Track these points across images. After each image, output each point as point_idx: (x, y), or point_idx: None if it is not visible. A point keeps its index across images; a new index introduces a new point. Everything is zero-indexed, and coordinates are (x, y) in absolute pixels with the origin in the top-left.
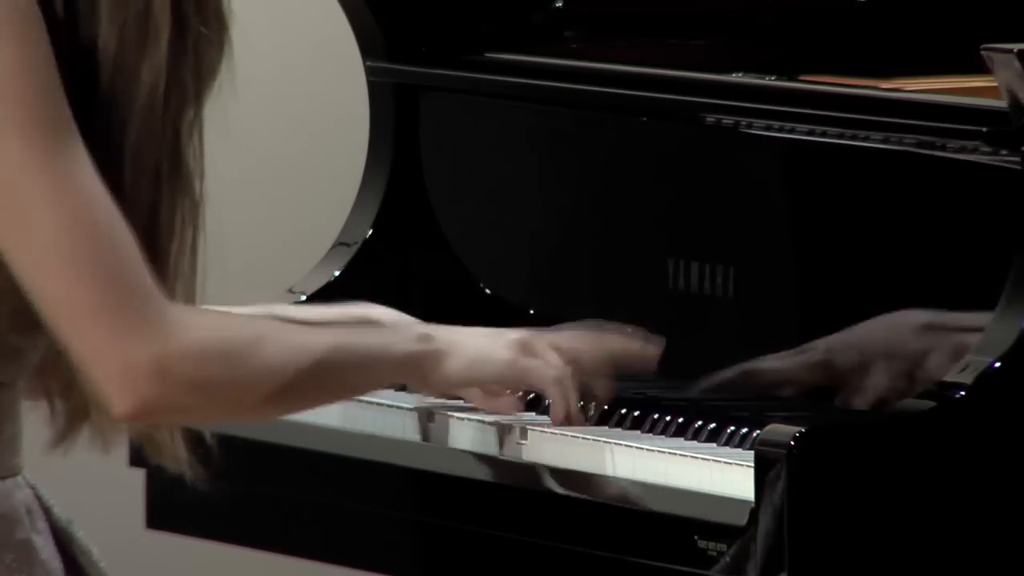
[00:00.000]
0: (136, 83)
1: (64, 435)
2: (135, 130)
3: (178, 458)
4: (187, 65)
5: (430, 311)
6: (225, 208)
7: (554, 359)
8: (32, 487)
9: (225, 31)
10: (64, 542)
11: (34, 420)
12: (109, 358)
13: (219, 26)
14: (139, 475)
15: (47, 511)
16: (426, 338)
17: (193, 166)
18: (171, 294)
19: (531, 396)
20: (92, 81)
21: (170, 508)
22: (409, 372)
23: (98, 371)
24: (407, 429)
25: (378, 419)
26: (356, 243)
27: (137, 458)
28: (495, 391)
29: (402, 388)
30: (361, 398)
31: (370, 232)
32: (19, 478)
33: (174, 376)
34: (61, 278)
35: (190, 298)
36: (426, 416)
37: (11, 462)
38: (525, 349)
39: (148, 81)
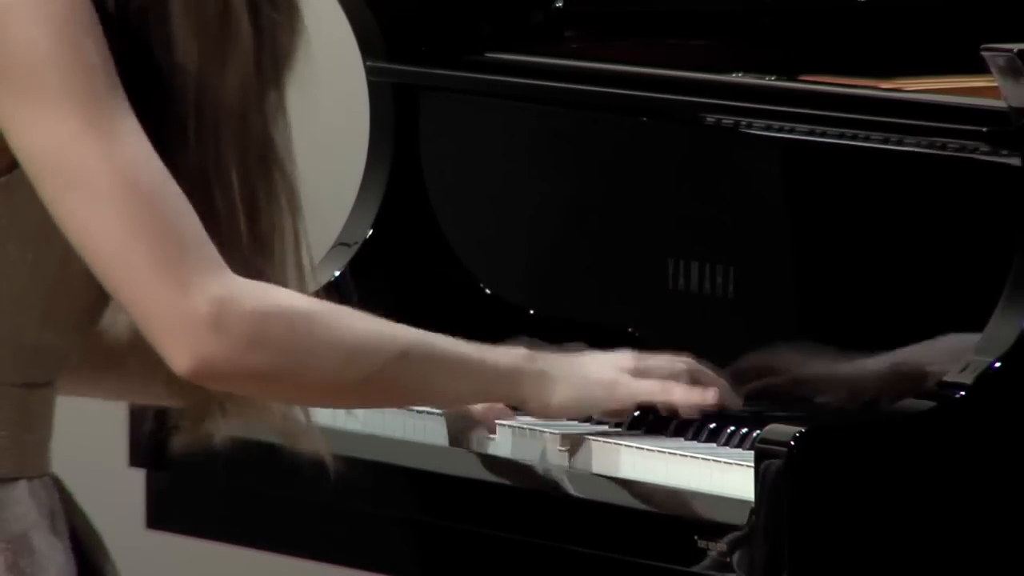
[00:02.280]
0: (223, 87)
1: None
2: (230, 131)
3: (314, 439)
4: (266, 53)
5: (430, 311)
6: None
7: (662, 363)
8: (58, 487)
9: (297, 14)
10: (88, 548)
11: None
12: (167, 311)
13: (291, 11)
14: (139, 475)
15: (70, 513)
16: (531, 358)
17: (285, 150)
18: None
19: None
20: (176, 93)
21: (170, 508)
22: (508, 387)
23: (156, 327)
24: (408, 429)
25: (379, 419)
26: (356, 243)
27: (137, 458)
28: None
29: None
30: None
31: (370, 232)
32: (46, 478)
33: (234, 329)
34: (114, 237)
35: (303, 288)
36: (431, 417)
37: (39, 462)
38: (628, 371)
39: (236, 83)
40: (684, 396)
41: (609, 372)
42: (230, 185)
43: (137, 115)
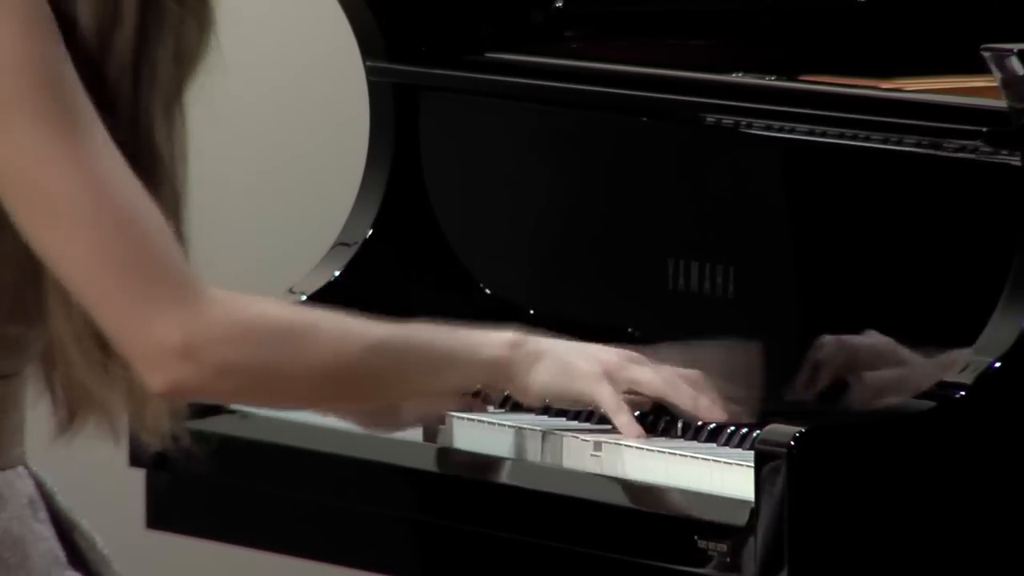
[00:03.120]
0: (109, 60)
1: (65, 426)
2: (109, 108)
3: (160, 432)
4: (162, 45)
5: (430, 311)
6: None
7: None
8: (35, 476)
9: (206, 10)
10: (67, 530)
11: (37, 417)
12: (140, 336)
13: (199, 5)
14: (139, 475)
15: (49, 499)
16: (517, 343)
17: (168, 153)
18: None
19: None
20: (74, 59)
21: (170, 508)
22: (491, 375)
23: (129, 350)
24: (408, 430)
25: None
26: (356, 243)
27: (137, 458)
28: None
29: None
30: None
31: (370, 232)
32: (20, 468)
33: (204, 358)
34: (87, 257)
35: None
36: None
37: (13, 452)
38: (612, 374)
39: (117, 60)
40: (625, 428)
41: (589, 367)
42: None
43: None
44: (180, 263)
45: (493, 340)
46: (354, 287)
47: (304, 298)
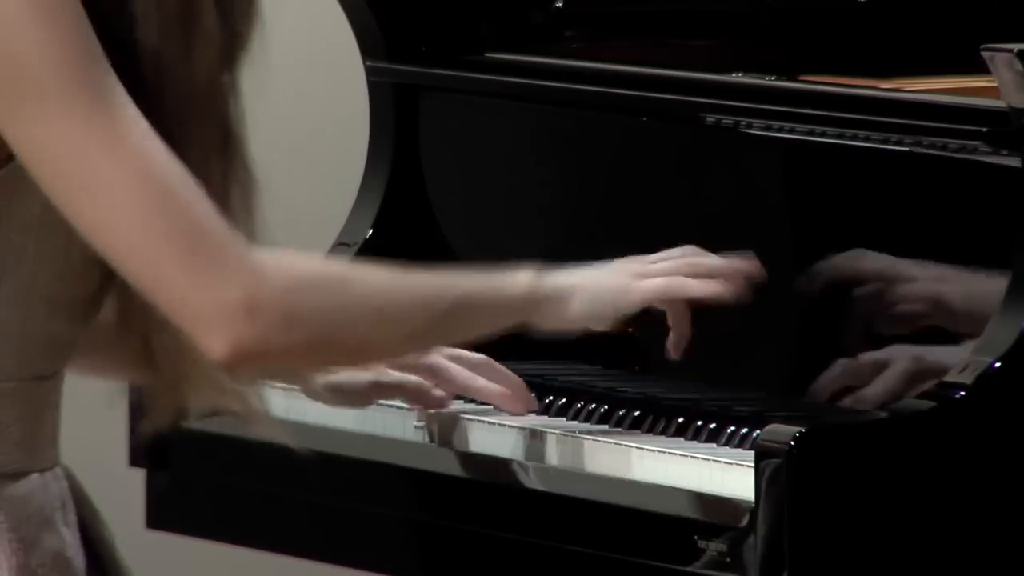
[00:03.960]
0: (187, 67)
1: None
2: (191, 113)
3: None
4: (225, 35)
5: None
6: None
7: (666, 266)
8: (68, 476)
9: None
10: (90, 535)
11: None
12: (198, 302)
13: None
14: (139, 475)
15: (79, 503)
16: (540, 279)
17: (240, 132)
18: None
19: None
20: (133, 68)
21: (170, 508)
22: (528, 313)
23: (189, 318)
24: (407, 429)
25: (380, 419)
26: (356, 243)
27: (137, 458)
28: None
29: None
30: None
31: (370, 232)
32: (57, 469)
33: (267, 311)
34: (134, 233)
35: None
36: (430, 417)
37: (50, 453)
38: (637, 274)
39: (201, 65)
40: (699, 288)
41: (619, 278)
42: (188, 168)
43: None
44: (224, 226)
45: (518, 281)
46: None
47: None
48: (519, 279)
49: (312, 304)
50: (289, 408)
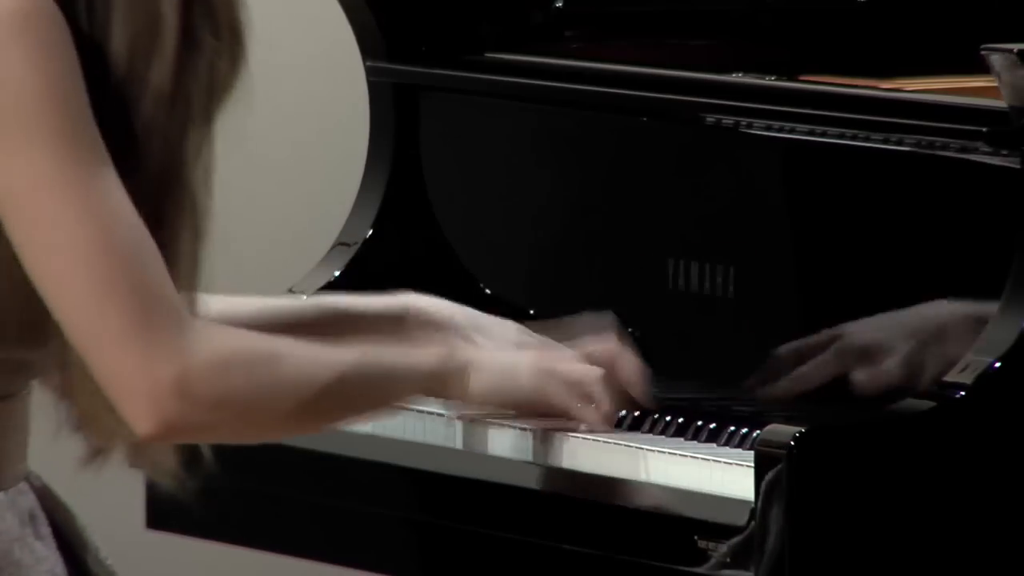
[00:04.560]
0: (144, 92)
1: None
2: (141, 139)
3: (168, 471)
4: (196, 79)
5: None
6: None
7: (577, 374)
8: (36, 488)
9: (239, 45)
10: (71, 544)
11: (37, 417)
12: (134, 379)
13: (233, 40)
14: (139, 475)
15: (52, 512)
16: (449, 356)
17: (197, 183)
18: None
19: None
20: (103, 88)
21: (170, 508)
22: (432, 388)
23: (118, 389)
24: (407, 429)
25: (379, 419)
26: (356, 243)
27: None
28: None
29: None
30: None
31: (370, 232)
32: (22, 484)
33: (197, 393)
34: (89, 299)
35: (191, 305)
36: (430, 416)
37: (15, 470)
38: (547, 375)
39: (154, 90)
40: (592, 421)
41: (528, 371)
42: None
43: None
44: (173, 298)
45: (427, 354)
46: (354, 287)
47: (304, 298)
48: (429, 354)
49: (240, 385)
50: None
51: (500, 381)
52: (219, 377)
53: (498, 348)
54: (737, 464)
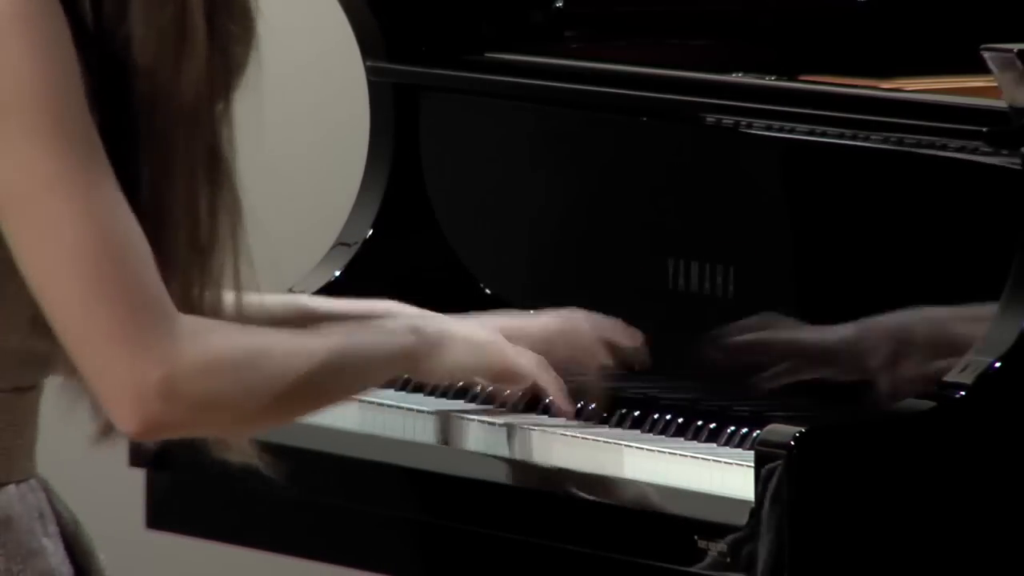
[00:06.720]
0: (176, 86)
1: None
2: (180, 133)
3: (244, 450)
4: (218, 62)
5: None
6: None
7: (529, 354)
8: (45, 487)
9: (252, 26)
10: (72, 545)
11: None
12: (120, 379)
13: (246, 22)
14: (139, 475)
15: (59, 514)
16: (416, 331)
17: (230, 158)
18: (216, 290)
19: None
20: (126, 87)
21: (170, 508)
22: (402, 366)
23: (105, 387)
24: (407, 429)
25: (378, 419)
26: (356, 243)
27: (137, 458)
28: (478, 382)
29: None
30: (368, 399)
31: (370, 232)
32: (33, 481)
33: (182, 395)
34: (79, 297)
35: (247, 287)
36: (430, 416)
37: (27, 465)
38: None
39: (190, 83)
40: (556, 391)
41: (492, 338)
42: (174, 190)
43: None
44: (162, 297)
45: (394, 331)
46: (354, 287)
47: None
48: (397, 333)
49: (226, 387)
50: None
51: (472, 351)
52: (205, 379)
53: (466, 326)
54: (737, 464)
